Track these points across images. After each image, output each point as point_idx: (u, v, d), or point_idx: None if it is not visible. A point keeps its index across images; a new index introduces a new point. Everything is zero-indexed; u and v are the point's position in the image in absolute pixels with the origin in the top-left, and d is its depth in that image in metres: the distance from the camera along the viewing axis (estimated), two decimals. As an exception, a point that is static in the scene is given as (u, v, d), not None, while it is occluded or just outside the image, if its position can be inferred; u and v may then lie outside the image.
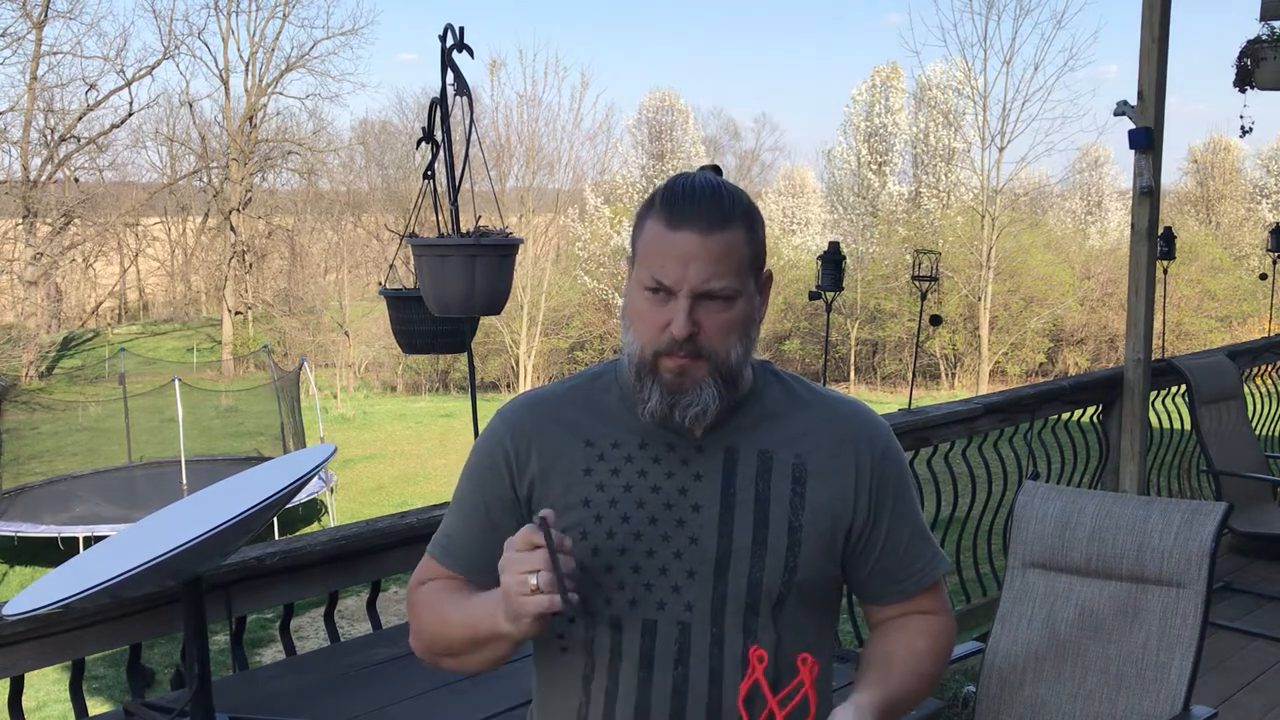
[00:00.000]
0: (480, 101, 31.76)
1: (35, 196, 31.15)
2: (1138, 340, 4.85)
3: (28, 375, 29.88)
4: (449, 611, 1.37)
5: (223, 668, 4.80)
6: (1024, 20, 45.98)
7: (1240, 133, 6.84)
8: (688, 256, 1.26)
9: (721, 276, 1.27)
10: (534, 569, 1.19)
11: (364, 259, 34.66)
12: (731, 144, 46.94)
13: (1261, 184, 39.69)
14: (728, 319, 1.29)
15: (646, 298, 1.29)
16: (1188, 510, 2.40)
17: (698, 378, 1.30)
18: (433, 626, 1.40)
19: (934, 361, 32.81)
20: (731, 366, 1.31)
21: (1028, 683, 2.47)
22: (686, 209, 1.27)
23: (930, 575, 1.46)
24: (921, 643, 1.44)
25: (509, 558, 1.22)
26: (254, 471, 2.42)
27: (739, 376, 1.34)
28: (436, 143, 2.85)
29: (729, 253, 1.28)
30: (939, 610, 1.48)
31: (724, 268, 1.27)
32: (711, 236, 1.27)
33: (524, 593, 1.19)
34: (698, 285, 1.27)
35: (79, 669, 2.39)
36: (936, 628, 1.47)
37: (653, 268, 1.28)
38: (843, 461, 1.39)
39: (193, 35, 44.83)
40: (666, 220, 1.28)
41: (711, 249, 1.27)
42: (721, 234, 1.27)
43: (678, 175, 1.33)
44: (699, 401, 1.30)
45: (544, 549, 1.19)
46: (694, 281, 1.26)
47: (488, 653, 1.32)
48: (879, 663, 1.40)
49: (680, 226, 1.27)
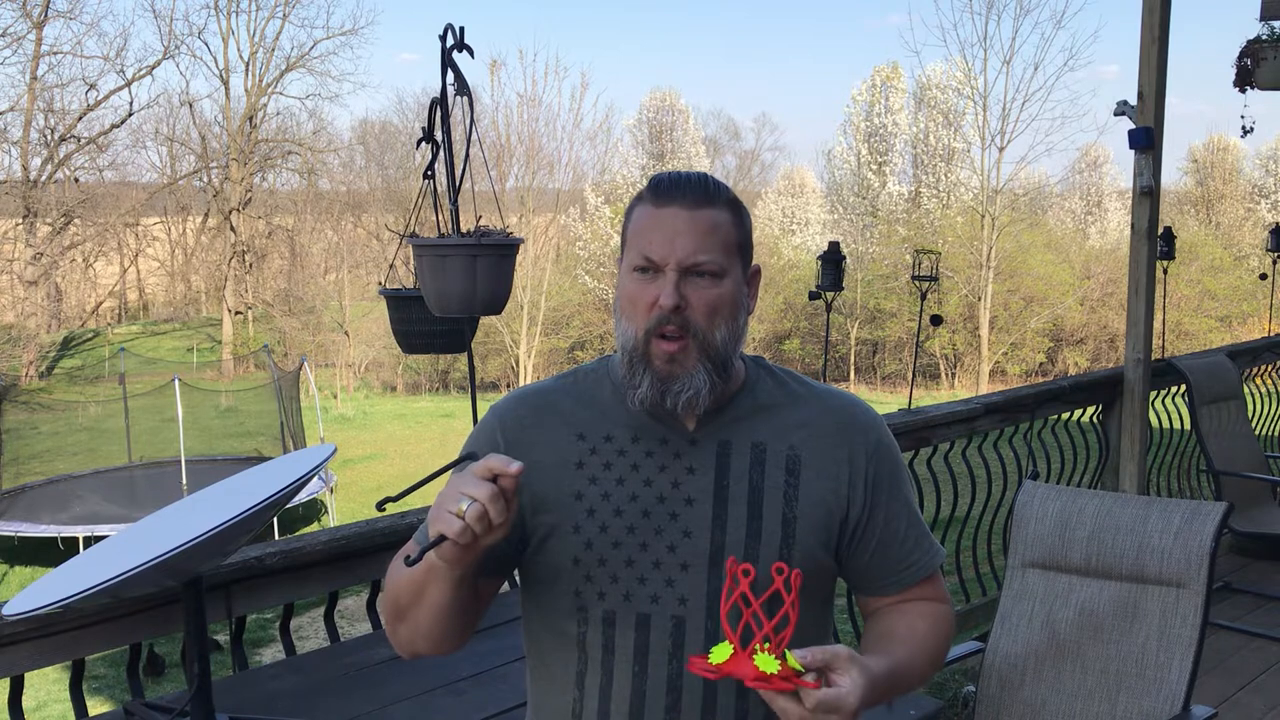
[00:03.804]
0: (480, 101, 31.77)
1: (35, 196, 31.16)
2: (1138, 340, 4.85)
3: (28, 375, 29.88)
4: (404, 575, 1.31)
5: (223, 668, 4.80)
6: (1024, 20, 46.14)
7: (1240, 133, 6.84)
8: (674, 231, 1.30)
9: (707, 251, 1.30)
10: (475, 497, 1.14)
11: (364, 259, 34.66)
12: (731, 144, 47.01)
13: (1261, 184, 39.69)
14: (714, 296, 1.31)
15: (636, 279, 1.32)
16: (1188, 510, 2.40)
17: (689, 364, 1.31)
18: (390, 590, 1.37)
19: (934, 361, 32.81)
20: (719, 349, 1.32)
21: (1028, 683, 2.47)
22: (673, 189, 1.32)
23: (927, 566, 1.46)
24: (922, 624, 1.43)
25: (463, 474, 1.19)
26: (254, 471, 2.42)
27: (728, 363, 1.34)
28: (436, 143, 2.85)
29: (715, 229, 1.32)
30: (938, 599, 1.48)
31: (710, 243, 1.31)
32: (698, 212, 1.31)
33: (450, 508, 1.15)
34: (684, 258, 1.29)
35: (79, 669, 2.39)
36: (937, 612, 1.46)
37: (641, 246, 1.32)
38: (837, 452, 1.40)
39: (193, 35, 45.11)
40: (653, 200, 1.33)
41: (698, 224, 1.30)
42: (708, 210, 1.32)
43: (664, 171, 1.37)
44: (690, 387, 1.31)
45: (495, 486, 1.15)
46: (681, 254, 1.29)
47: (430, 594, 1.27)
48: (878, 639, 1.39)
49: (667, 204, 1.31)
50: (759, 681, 1.12)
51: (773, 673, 1.12)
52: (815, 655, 1.16)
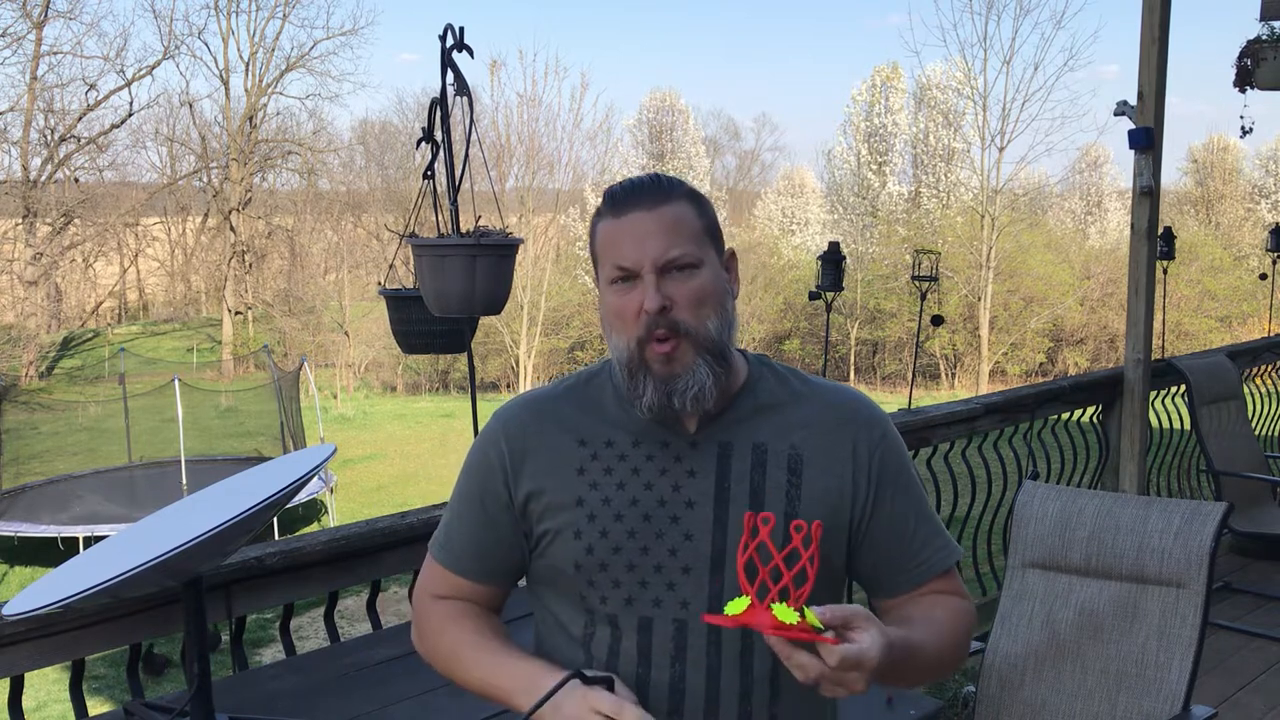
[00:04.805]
0: (480, 101, 31.78)
1: (35, 196, 31.15)
2: (1138, 340, 4.85)
3: (28, 375, 29.88)
4: (469, 663, 1.41)
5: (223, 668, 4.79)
6: (1024, 20, 46.07)
7: (1240, 133, 6.83)
8: (641, 234, 1.30)
9: (678, 245, 1.31)
10: None
11: (364, 259, 34.65)
12: (731, 144, 47.05)
13: (1261, 184, 39.68)
14: (696, 287, 1.31)
15: (615, 291, 1.32)
16: (1188, 510, 2.40)
17: (687, 361, 1.30)
18: (447, 661, 1.44)
19: (934, 361, 32.81)
20: (714, 339, 1.32)
21: (1028, 683, 2.47)
22: (628, 195, 1.33)
23: (941, 563, 1.44)
24: (939, 612, 1.41)
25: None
26: (254, 471, 2.41)
27: (726, 351, 1.34)
28: (436, 143, 2.85)
29: (679, 222, 1.32)
30: (955, 594, 1.45)
31: (678, 236, 1.31)
32: (658, 210, 1.31)
33: None
34: (658, 257, 1.30)
35: (79, 669, 2.39)
36: (954, 604, 1.43)
37: (612, 257, 1.32)
38: (840, 449, 1.39)
39: (193, 35, 45.09)
40: (612, 211, 1.33)
41: (662, 220, 1.31)
42: (666, 206, 1.32)
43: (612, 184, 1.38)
44: (694, 383, 1.31)
45: None
46: (653, 254, 1.30)
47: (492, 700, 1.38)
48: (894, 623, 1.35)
49: (626, 210, 1.32)
50: (778, 630, 1.09)
51: (792, 623, 1.10)
52: (835, 612, 1.14)
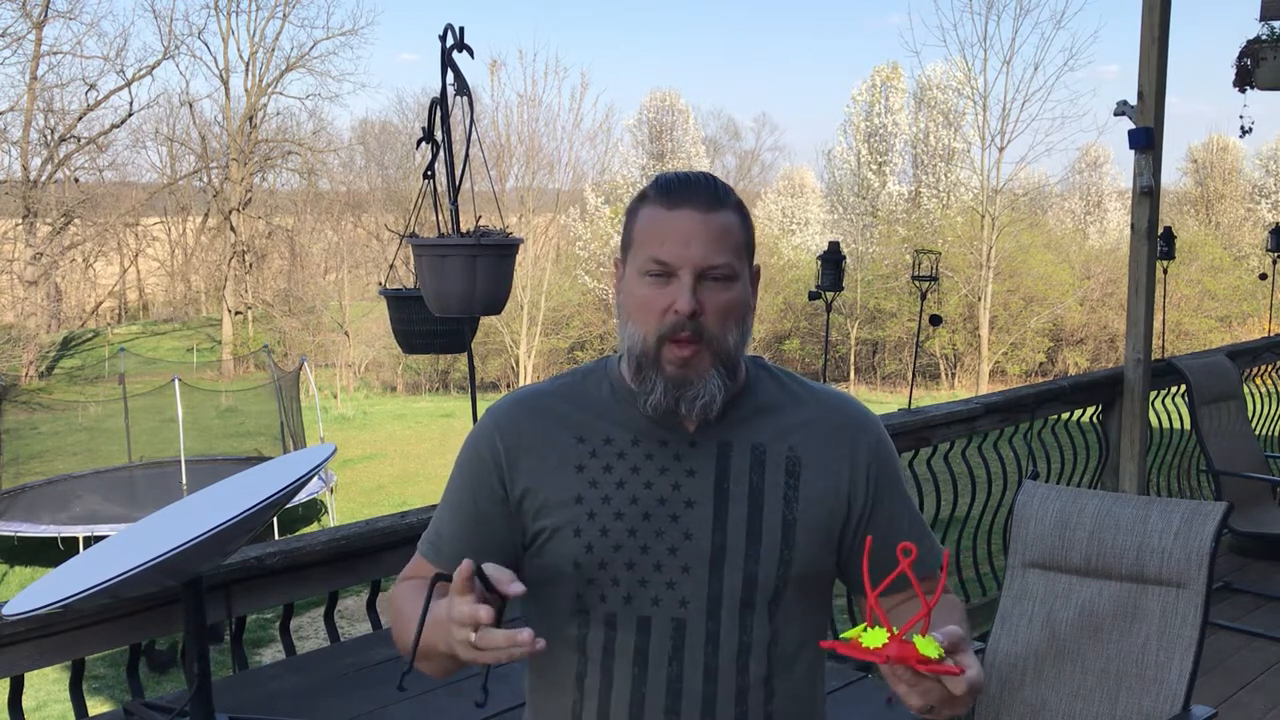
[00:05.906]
0: (480, 101, 31.77)
1: (35, 196, 31.15)
2: (1138, 340, 4.86)
3: (28, 375, 29.87)
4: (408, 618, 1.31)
5: (223, 668, 4.79)
6: (1024, 20, 45.93)
7: (1240, 133, 6.84)
8: (688, 234, 1.28)
9: (721, 254, 1.29)
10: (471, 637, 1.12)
11: (364, 259, 34.65)
12: (731, 144, 47.03)
13: (1261, 184, 39.67)
14: (727, 300, 1.30)
15: (647, 283, 1.30)
16: (1188, 510, 2.40)
17: (702, 369, 1.30)
18: (397, 628, 1.39)
19: (934, 361, 32.81)
20: (731, 353, 1.32)
21: (1028, 683, 2.47)
22: (683, 191, 1.30)
23: (934, 562, 1.46)
24: (944, 612, 1.41)
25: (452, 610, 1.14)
26: (254, 471, 2.42)
27: (738, 366, 1.34)
28: (436, 143, 2.85)
29: (727, 233, 1.30)
30: (947, 591, 1.45)
31: (723, 246, 1.30)
32: (711, 215, 1.30)
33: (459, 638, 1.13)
34: (700, 262, 1.28)
35: (79, 669, 2.39)
36: (950, 600, 1.45)
37: (653, 249, 1.29)
38: (837, 453, 1.39)
39: (193, 35, 44.97)
40: (664, 202, 1.31)
41: (711, 227, 1.29)
42: (720, 213, 1.30)
43: (666, 171, 1.35)
44: (705, 393, 1.30)
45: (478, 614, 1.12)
46: (696, 258, 1.28)
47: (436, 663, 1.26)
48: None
49: (679, 206, 1.29)
50: (924, 665, 1.08)
51: (938, 657, 1.09)
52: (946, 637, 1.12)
